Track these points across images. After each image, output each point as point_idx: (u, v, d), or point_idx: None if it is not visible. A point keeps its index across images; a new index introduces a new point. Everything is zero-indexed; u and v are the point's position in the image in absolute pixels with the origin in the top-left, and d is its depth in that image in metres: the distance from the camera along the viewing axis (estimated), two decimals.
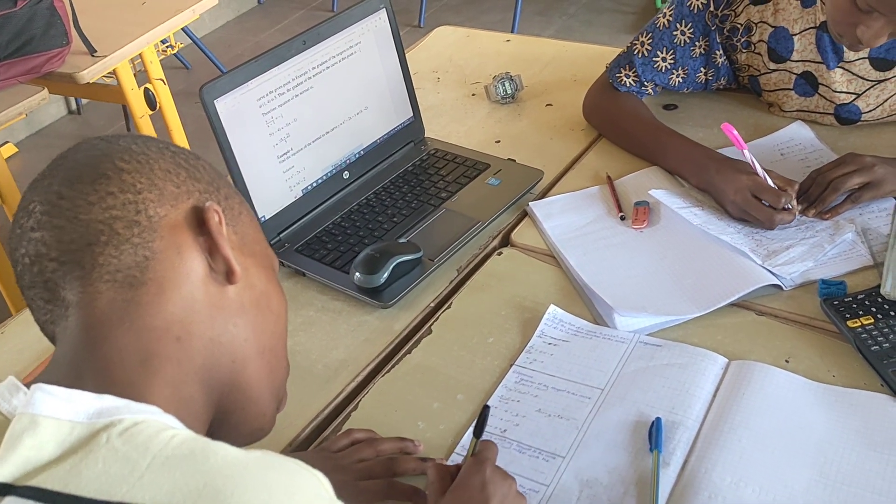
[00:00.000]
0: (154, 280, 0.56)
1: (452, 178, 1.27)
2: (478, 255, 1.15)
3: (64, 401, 0.51)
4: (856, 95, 1.21)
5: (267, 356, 0.64)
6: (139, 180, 0.57)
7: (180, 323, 0.57)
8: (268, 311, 0.64)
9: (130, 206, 0.56)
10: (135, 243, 0.55)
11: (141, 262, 0.56)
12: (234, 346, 0.60)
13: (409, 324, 1.05)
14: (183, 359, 0.57)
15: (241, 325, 0.61)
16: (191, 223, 0.59)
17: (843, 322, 0.92)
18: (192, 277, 0.58)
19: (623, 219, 1.15)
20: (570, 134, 1.38)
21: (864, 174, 1.06)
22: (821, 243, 1.03)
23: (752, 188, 1.07)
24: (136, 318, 0.56)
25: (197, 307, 0.58)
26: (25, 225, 0.57)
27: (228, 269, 0.60)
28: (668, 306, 0.99)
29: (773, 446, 0.81)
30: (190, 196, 0.59)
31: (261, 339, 0.63)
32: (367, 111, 1.28)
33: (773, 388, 0.87)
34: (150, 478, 0.47)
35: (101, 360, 0.55)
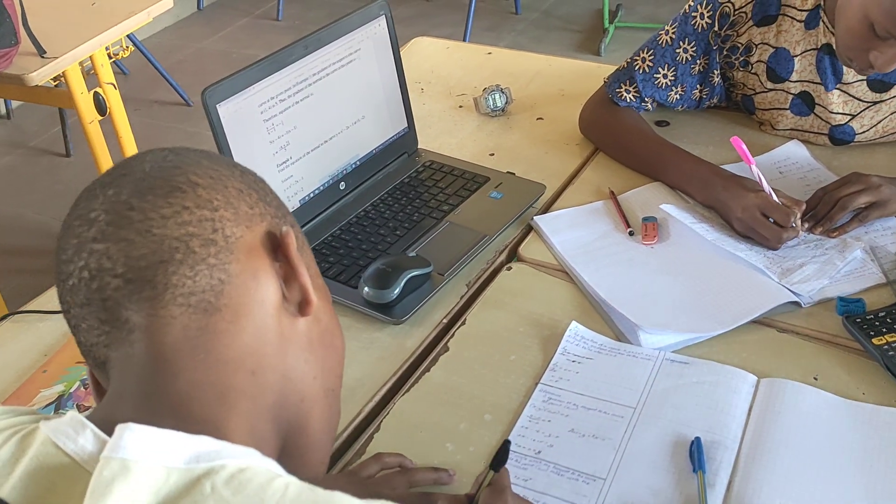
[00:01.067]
0: (229, 306, 0.51)
1: (452, 190, 1.24)
2: (486, 269, 1.12)
3: (157, 442, 0.45)
4: (851, 116, 1.23)
5: (330, 398, 0.59)
6: (215, 197, 0.52)
7: (254, 355, 0.52)
8: (332, 348, 0.60)
9: (207, 223, 0.51)
10: (211, 264, 0.50)
11: (216, 286, 0.51)
12: (304, 383, 0.56)
13: (423, 341, 1.01)
14: (257, 394, 0.53)
15: (311, 361, 0.56)
16: (266, 247, 0.54)
17: (867, 339, 0.92)
18: (267, 305, 0.53)
19: (632, 234, 1.14)
20: (565, 148, 1.37)
21: (871, 193, 1.08)
22: (832, 261, 1.04)
23: (761, 206, 1.07)
24: (211, 349, 0.51)
25: (270, 338, 0.53)
26: (85, 235, 0.51)
27: (304, 299, 0.55)
28: (691, 323, 0.98)
29: (816, 466, 0.81)
30: (263, 219, 0.55)
31: (327, 379, 0.59)
32: (364, 120, 1.24)
33: (808, 406, 0.87)
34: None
35: (178, 395, 0.50)
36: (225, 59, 3.69)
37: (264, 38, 3.87)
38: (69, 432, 0.47)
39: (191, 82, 3.40)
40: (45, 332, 1.07)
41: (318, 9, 4.12)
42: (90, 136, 2.15)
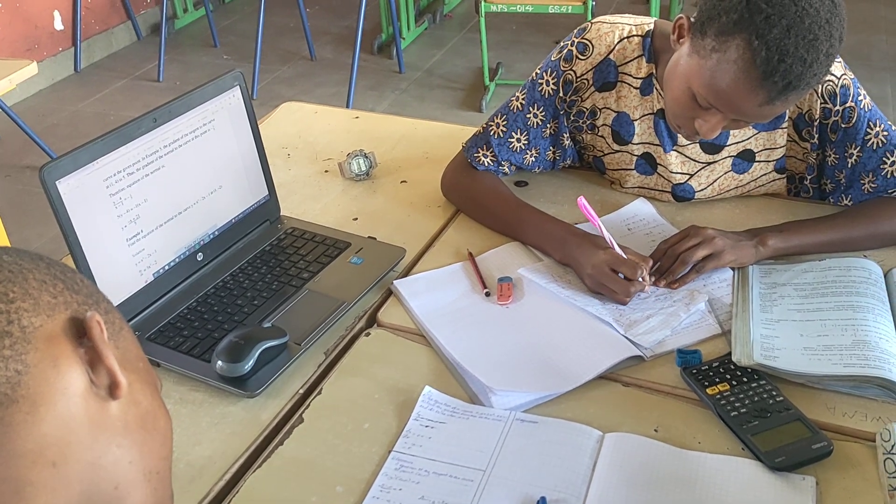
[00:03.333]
0: (26, 397, 0.50)
1: (313, 257, 1.24)
2: (345, 336, 1.12)
3: None
4: (689, 175, 1.31)
5: (153, 481, 0.58)
6: (11, 289, 0.52)
7: (56, 445, 0.51)
8: (154, 430, 0.59)
9: (1, 315, 0.50)
10: (5, 356, 0.49)
11: (12, 378, 0.49)
12: (117, 469, 0.54)
13: (278, 413, 1.00)
14: (59, 487, 0.51)
15: (125, 445, 0.55)
16: (69, 334, 0.54)
17: (702, 390, 0.97)
18: (70, 392, 0.52)
19: (488, 295, 1.16)
20: (427, 210, 1.40)
21: (707, 246, 1.14)
22: (677, 312, 1.09)
23: (610, 262, 1.12)
24: (7, 442, 0.49)
25: (75, 426, 0.52)
26: None
27: (112, 382, 0.54)
28: (540, 382, 1.01)
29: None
30: (68, 307, 0.55)
31: (147, 462, 0.57)
32: (221, 190, 1.23)
33: (648, 458, 0.90)
34: None
35: None
36: (101, 122, 3.61)
37: (143, 100, 3.81)
38: None
39: (65, 146, 3.28)
40: None
41: (199, 69, 4.09)
42: None
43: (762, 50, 0.98)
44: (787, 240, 1.18)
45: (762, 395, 0.95)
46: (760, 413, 0.93)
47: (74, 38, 4.06)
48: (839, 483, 0.87)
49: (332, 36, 4.40)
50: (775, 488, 0.86)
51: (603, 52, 1.25)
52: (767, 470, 0.88)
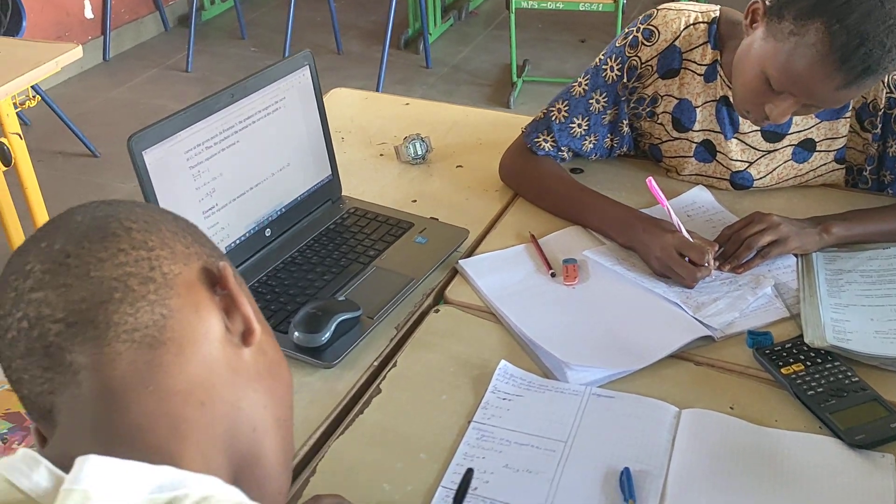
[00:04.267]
0: (173, 340, 0.52)
1: (377, 236, 1.26)
2: (414, 311, 1.14)
3: (118, 473, 0.46)
4: (749, 164, 1.32)
5: (283, 429, 0.60)
6: (150, 238, 0.54)
7: (203, 386, 0.54)
8: (280, 379, 0.61)
9: (144, 262, 0.53)
10: (151, 300, 0.52)
11: (158, 321, 0.52)
12: (254, 413, 0.57)
13: (355, 383, 1.02)
14: (208, 425, 0.54)
15: (259, 390, 0.58)
16: (204, 283, 0.56)
17: (777, 370, 0.98)
18: (211, 337, 0.55)
19: (554, 276, 1.18)
20: (485, 194, 1.41)
21: (773, 232, 1.16)
22: (744, 295, 1.10)
23: (677, 245, 1.13)
24: (160, 381, 0.52)
25: (217, 369, 0.55)
26: (22, 287, 0.51)
27: (247, 328, 0.57)
28: (613, 360, 1.02)
29: (736, 489, 0.85)
30: (199, 258, 0.57)
31: (277, 409, 0.60)
32: (288, 167, 1.25)
33: (727, 434, 0.91)
34: None
35: (131, 427, 0.50)
36: (132, 110, 3.63)
37: (174, 89, 3.84)
38: (22, 468, 0.47)
39: (97, 133, 3.33)
40: None
41: (227, 61, 4.12)
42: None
43: (841, 34, 0.99)
44: (850, 228, 1.19)
45: (837, 376, 0.96)
46: (837, 392, 0.94)
47: (104, 27, 4.08)
48: None
49: (359, 30, 4.42)
50: (855, 465, 0.87)
51: (669, 39, 1.27)
52: (846, 448, 0.89)
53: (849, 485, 0.85)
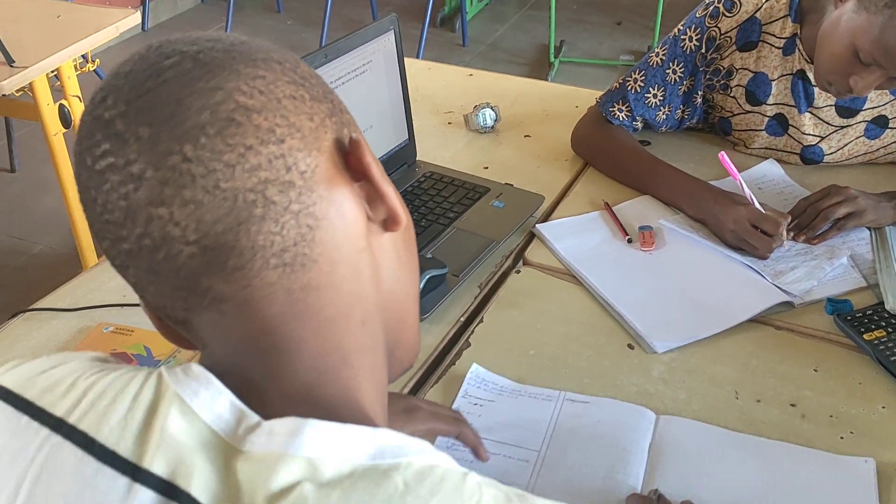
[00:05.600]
0: (325, 255, 0.44)
1: (455, 199, 1.29)
2: (495, 272, 1.17)
3: (339, 439, 0.43)
4: (820, 138, 1.34)
5: (417, 300, 0.55)
6: (275, 122, 0.43)
7: (359, 302, 0.47)
8: (413, 245, 0.53)
9: (278, 161, 0.42)
10: (295, 211, 0.42)
11: (307, 234, 0.43)
12: (398, 305, 0.51)
13: (444, 336, 1.05)
14: (373, 345, 0.49)
15: (402, 278, 0.51)
16: (339, 166, 0.45)
17: (859, 336, 1.01)
18: (356, 239, 0.46)
19: (630, 242, 1.20)
20: (555, 163, 1.44)
21: (850, 205, 1.18)
22: (820, 265, 1.13)
23: (751, 218, 1.15)
24: (320, 310, 0.45)
25: (365, 274, 0.47)
26: (134, 195, 0.41)
27: (390, 216, 0.48)
28: (694, 326, 1.04)
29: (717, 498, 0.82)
30: (326, 128, 0.45)
31: (414, 286, 0.53)
32: (371, 130, 1.28)
33: (705, 441, 0.89)
34: None
35: (307, 373, 0.45)
36: None
37: None
38: (200, 393, 0.44)
39: None
40: (59, 329, 1.06)
41: (264, 33, 4.14)
42: (54, 148, 2.12)
43: None
44: None
45: None
46: None
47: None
48: None
49: (396, 6, 4.42)
50: (837, 472, 0.85)
51: (750, 11, 1.28)
52: (828, 455, 0.87)
53: (832, 492, 0.83)
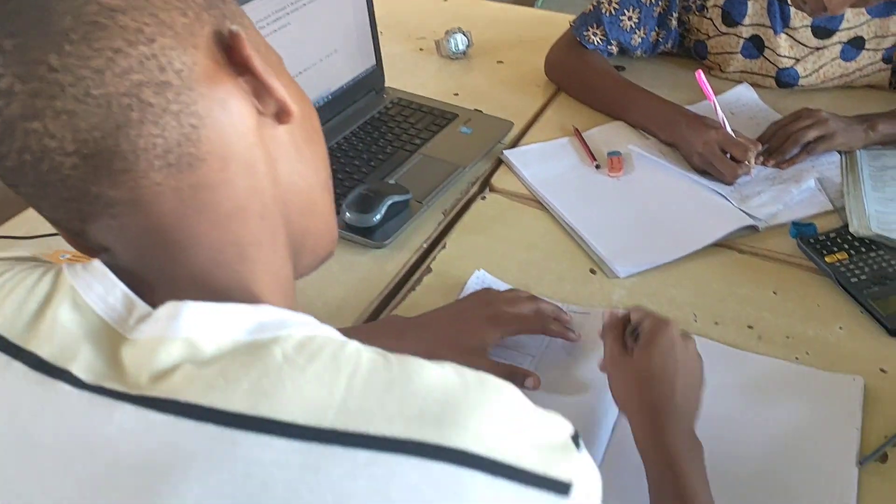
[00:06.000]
0: (213, 153, 0.43)
1: (422, 125, 1.27)
2: (461, 199, 1.15)
3: (218, 318, 0.43)
4: (796, 60, 1.31)
5: (326, 192, 0.54)
6: (143, 21, 0.41)
7: (255, 196, 0.46)
8: (314, 134, 0.52)
9: (150, 62, 0.41)
10: (175, 111, 0.41)
11: (191, 134, 0.42)
12: (301, 196, 0.50)
13: (406, 263, 1.04)
14: (272, 239, 0.48)
15: (302, 170, 0.50)
16: (221, 61, 0.44)
17: (821, 258, 1.00)
18: (247, 135, 0.45)
19: (598, 167, 1.19)
20: (527, 89, 1.41)
21: (820, 127, 1.16)
22: (788, 189, 1.12)
23: (720, 141, 1.14)
24: (215, 206, 0.44)
25: (261, 169, 0.46)
26: (6, 112, 0.40)
27: (281, 108, 0.47)
28: (657, 251, 1.04)
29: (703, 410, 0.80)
30: (201, 22, 0.43)
31: (320, 174, 0.52)
32: (335, 54, 1.25)
33: None
34: (356, 403, 0.40)
35: (202, 264, 0.45)
36: None
37: None
38: (94, 286, 0.45)
39: None
40: None
41: None
42: None
43: None
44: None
45: (881, 264, 0.98)
46: (880, 280, 0.96)
47: None
48: None
49: None
50: (824, 388, 0.85)
51: None
52: (815, 371, 0.87)
53: (817, 407, 0.83)
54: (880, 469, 0.78)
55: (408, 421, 0.40)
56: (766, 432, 0.81)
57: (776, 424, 0.82)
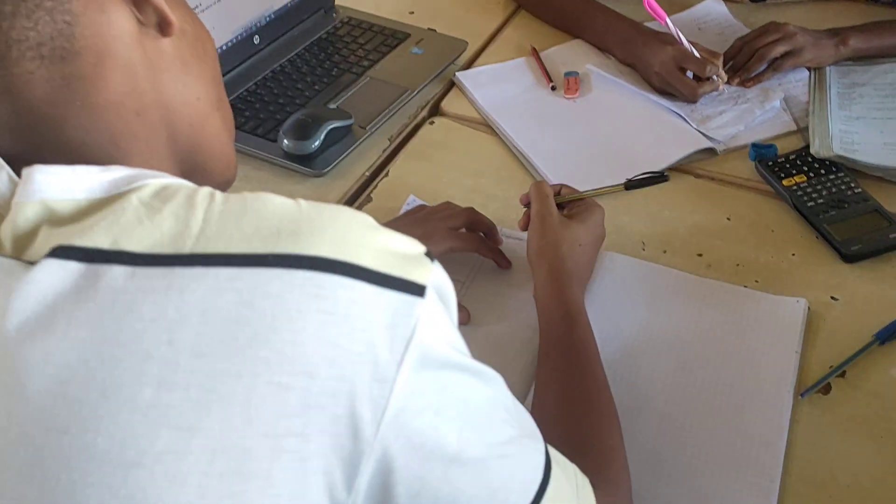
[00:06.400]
0: (88, 48, 0.46)
1: (372, 46, 1.20)
2: (408, 123, 1.10)
3: (71, 179, 0.43)
4: None
5: (221, 109, 0.56)
6: None
7: (133, 95, 0.48)
8: (206, 56, 0.55)
9: None
10: (48, 7, 0.44)
11: (64, 30, 0.45)
12: (188, 108, 0.52)
13: (346, 192, 1.00)
14: (148, 137, 0.49)
15: (189, 83, 0.52)
16: None
17: (778, 181, 0.96)
18: (126, 38, 0.47)
19: (554, 89, 1.13)
20: (485, 6, 1.34)
21: (787, 42, 1.10)
22: (751, 109, 1.06)
23: (678, 59, 1.08)
24: (86, 95, 0.46)
25: (141, 73, 0.49)
26: None
27: (162, 19, 0.49)
28: (612, 175, 0.99)
29: (645, 329, 0.81)
30: None
31: (211, 92, 0.55)
32: None
33: (638, 276, 0.86)
34: (214, 229, 0.41)
35: (70, 142, 0.46)
36: None
37: None
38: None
39: None
40: None
41: None
42: None
43: None
44: (868, 40, 1.13)
45: (840, 187, 0.94)
46: (837, 204, 0.92)
47: None
48: None
49: None
50: (766, 308, 0.82)
51: None
52: (757, 293, 0.84)
53: (757, 326, 0.80)
54: (822, 401, 0.75)
55: (265, 238, 0.41)
56: (703, 356, 0.79)
57: (714, 348, 0.79)
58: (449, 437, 0.44)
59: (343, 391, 0.40)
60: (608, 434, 0.65)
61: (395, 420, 0.41)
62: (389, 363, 0.41)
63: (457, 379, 0.44)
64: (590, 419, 0.66)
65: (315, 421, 0.39)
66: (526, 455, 0.48)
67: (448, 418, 0.44)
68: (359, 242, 0.43)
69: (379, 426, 0.41)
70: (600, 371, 0.71)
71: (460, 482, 0.44)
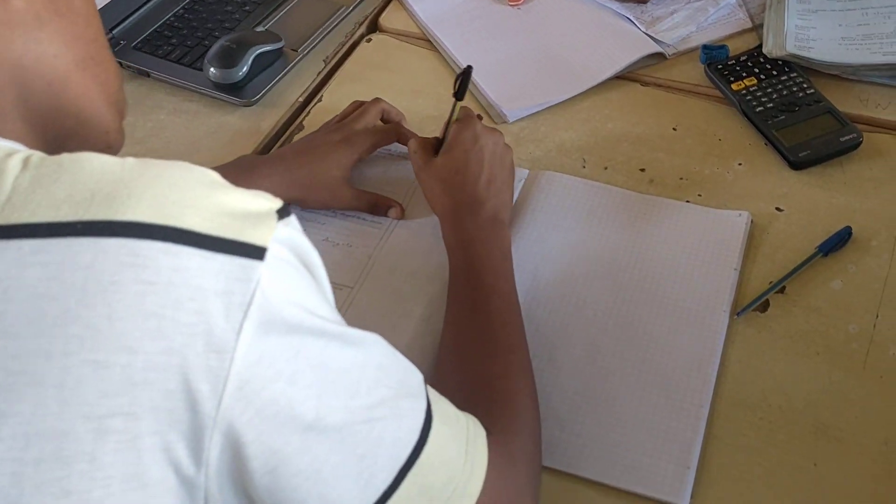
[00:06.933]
0: None
1: None
2: (344, 42, 1.05)
3: None
4: None
5: (90, 67, 0.52)
6: None
7: None
8: (71, 14, 0.51)
9: None
10: None
11: None
12: (43, 66, 0.49)
13: (279, 121, 0.96)
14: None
15: (44, 39, 0.49)
16: None
17: (727, 86, 0.90)
18: None
19: None
20: None
21: None
22: (705, 7, 1.00)
23: None
24: None
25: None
26: None
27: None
28: (554, 87, 0.94)
29: (585, 247, 0.78)
30: None
31: (75, 50, 0.51)
32: None
33: (577, 195, 0.82)
34: (21, 198, 0.38)
35: None
36: None
37: None
38: None
39: None
40: None
41: None
42: None
43: None
44: None
45: (792, 89, 0.89)
46: (788, 107, 0.87)
47: None
48: (867, 174, 0.83)
49: None
50: (708, 222, 0.79)
51: None
52: (700, 208, 0.80)
53: (697, 243, 0.77)
54: (759, 319, 0.73)
55: (76, 204, 0.38)
56: (639, 278, 0.76)
57: (651, 269, 0.76)
58: (306, 405, 0.41)
59: (173, 365, 0.37)
60: (505, 374, 0.61)
61: (240, 392, 0.39)
62: (226, 332, 0.38)
63: (312, 343, 0.42)
64: (484, 359, 0.63)
65: (143, 398, 0.37)
66: (399, 417, 0.45)
67: (304, 385, 0.41)
68: (186, 203, 0.39)
69: (221, 399, 0.38)
70: (503, 305, 0.66)
71: (321, 451, 0.42)
